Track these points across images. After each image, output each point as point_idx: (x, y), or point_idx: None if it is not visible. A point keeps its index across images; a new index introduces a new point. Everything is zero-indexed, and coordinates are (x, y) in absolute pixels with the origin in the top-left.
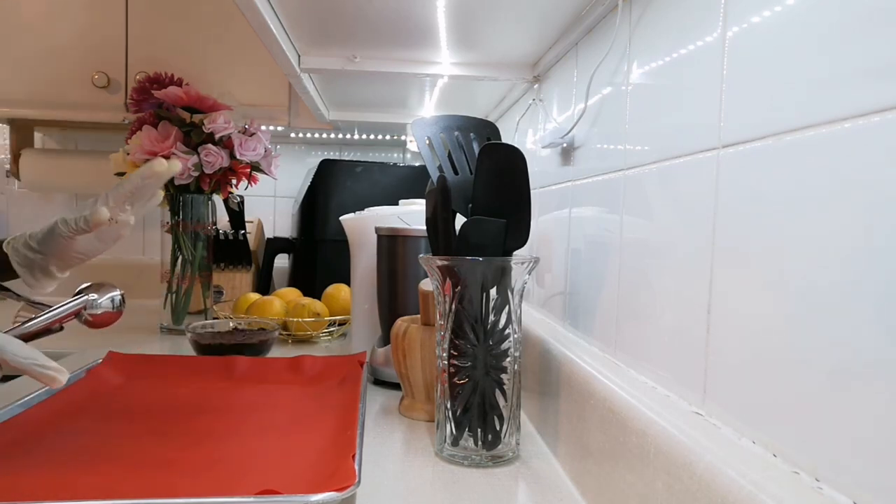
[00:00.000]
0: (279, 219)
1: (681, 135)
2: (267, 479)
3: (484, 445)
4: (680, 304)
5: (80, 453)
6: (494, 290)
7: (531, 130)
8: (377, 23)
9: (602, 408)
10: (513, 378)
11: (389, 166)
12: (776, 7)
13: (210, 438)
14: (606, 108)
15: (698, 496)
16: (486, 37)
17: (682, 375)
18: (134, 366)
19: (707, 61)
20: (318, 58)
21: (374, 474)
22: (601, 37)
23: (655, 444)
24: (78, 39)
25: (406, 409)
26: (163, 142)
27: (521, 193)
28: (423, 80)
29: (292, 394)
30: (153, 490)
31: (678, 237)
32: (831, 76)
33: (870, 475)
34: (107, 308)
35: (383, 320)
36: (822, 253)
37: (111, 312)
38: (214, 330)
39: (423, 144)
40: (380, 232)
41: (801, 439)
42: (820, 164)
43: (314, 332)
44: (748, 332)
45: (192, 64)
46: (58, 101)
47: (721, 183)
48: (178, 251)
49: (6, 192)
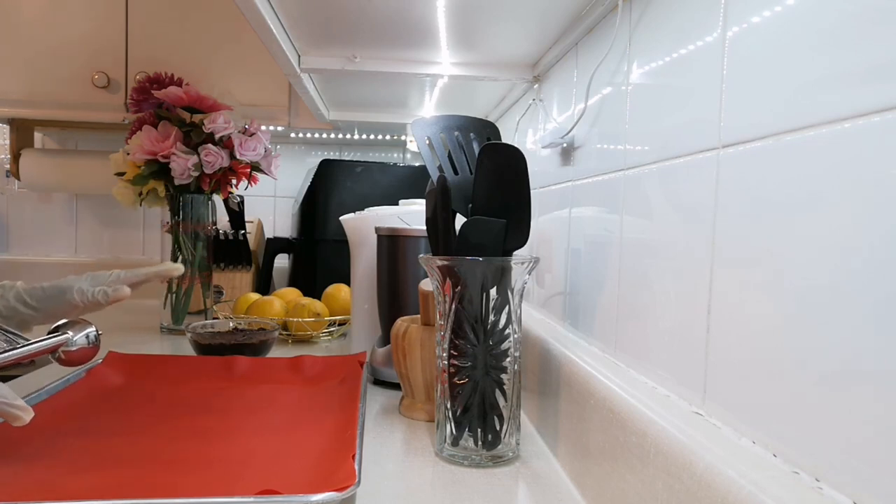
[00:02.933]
0: (279, 219)
1: (681, 135)
2: (267, 479)
3: (484, 445)
4: (680, 304)
5: (80, 453)
6: (494, 290)
7: (531, 130)
8: (377, 23)
9: (602, 408)
10: (513, 378)
11: (389, 166)
12: (776, 7)
13: (210, 438)
14: (606, 108)
15: (698, 496)
16: (486, 37)
17: (682, 375)
18: (134, 366)
19: (707, 61)
20: (318, 58)
21: (374, 474)
22: (601, 37)
23: (655, 444)
24: (78, 39)
25: (406, 409)
26: (163, 142)
27: (521, 193)
28: (423, 80)
29: (292, 394)
30: (153, 490)
31: (678, 237)
32: (831, 76)
33: (870, 475)
34: (82, 345)
35: (383, 320)
36: (822, 253)
37: (87, 349)
38: (214, 330)
39: (423, 144)
40: (380, 232)
41: (801, 439)
42: (820, 164)
43: (314, 332)
44: (748, 332)
45: (192, 64)
46: (58, 101)
47: (721, 183)
48: (178, 251)
49: (6, 192)
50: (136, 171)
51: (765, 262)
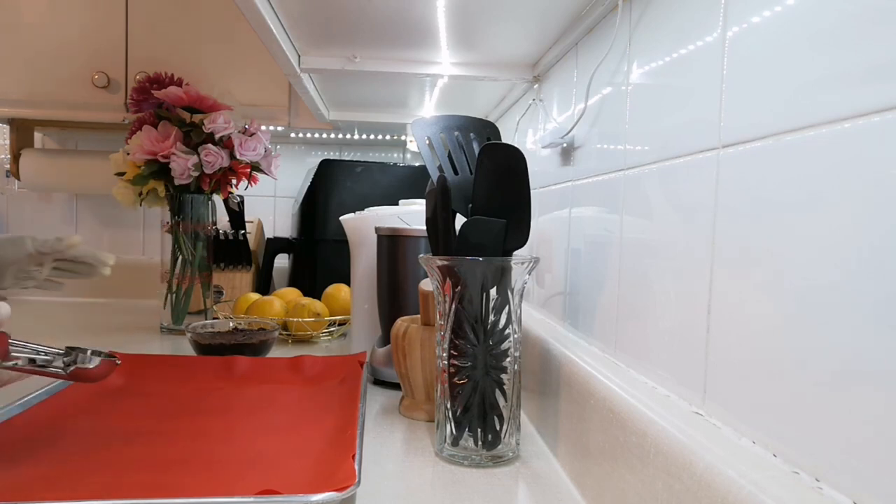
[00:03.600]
0: (279, 219)
1: (681, 135)
2: (267, 479)
3: (484, 445)
4: (680, 305)
5: (80, 453)
6: (494, 290)
7: (531, 130)
8: (377, 23)
9: (602, 408)
10: (513, 378)
11: (389, 166)
12: (776, 7)
13: (210, 438)
14: (606, 108)
15: (698, 496)
16: (486, 37)
17: (682, 375)
18: (134, 366)
19: (707, 61)
20: (318, 58)
21: (374, 474)
22: (601, 37)
23: (655, 444)
24: (78, 39)
25: (406, 409)
26: (163, 142)
27: (521, 193)
28: (423, 80)
29: (292, 394)
30: (153, 490)
31: (678, 237)
32: (831, 76)
33: (870, 475)
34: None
35: (383, 320)
36: (822, 253)
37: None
38: (214, 330)
39: (423, 144)
40: (380, 232)
41: (801, 439)
42: (820, 164)
43: (314, 332)
44: (748, 332)
45: (192, 64)
46: (58, 101)
47: (721, 183)
48: (178, 251)
49: (6, 192)
50: (136, 171)
51: (765, 262)
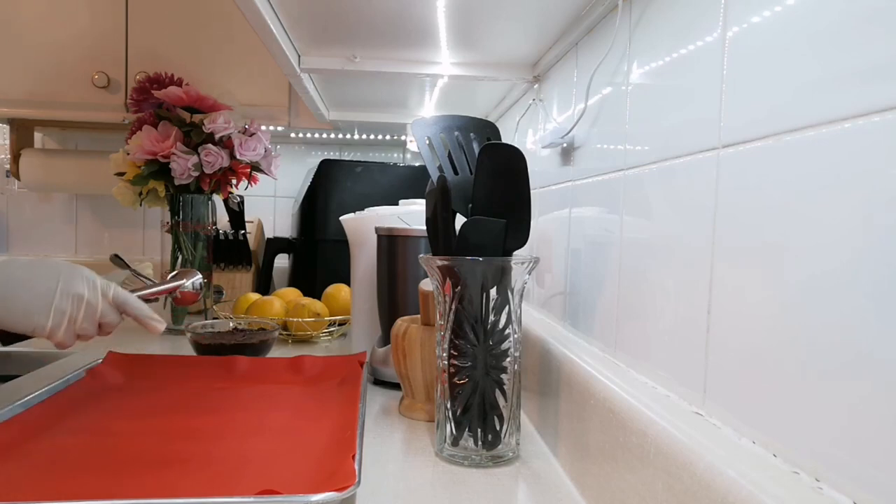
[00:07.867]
0: (279, 219)
1: (681, 134)
2: (267, 479)
3: (484, 445)
4: (680, 305)
5: (80, 453)
6: (494, 290)
7: (531, 130)
8: (377, 23)
9: (602, 408)
10: (513, 378)
11: (389, 166)
12: (776, 7)
13: (210, 438)
14: (606, 108)
15: (698, 496)
16: (485, 37)
17: (682, 375)
18: (134, 366)
19: (707, 61)
20: (318, 58)
21: (374, 474)
22: (601, 37)
23: (655, 444)
24: (78, 39)
25: (406, 409)
26: (163, 142)
27: (521, 193)
28: (423, 80)
29: (292, 394)
30: (153, 490)
31: (678, 237)
32: (831, 76)
33: (870, 475)
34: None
35: (383, 320)
36: (822, 254)
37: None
38: (214, 330)
39: (423, 144)
40: (380, 232)
41: (801, 439)
42: (820, 164)
43: (314, 332)
44: (748, 332)
45: (192, 64)
46: (58, 101)
47: (721, 183)
48: (178, 251)
49: (6, 192)
50: (136, 171)
51: (765, 263)
